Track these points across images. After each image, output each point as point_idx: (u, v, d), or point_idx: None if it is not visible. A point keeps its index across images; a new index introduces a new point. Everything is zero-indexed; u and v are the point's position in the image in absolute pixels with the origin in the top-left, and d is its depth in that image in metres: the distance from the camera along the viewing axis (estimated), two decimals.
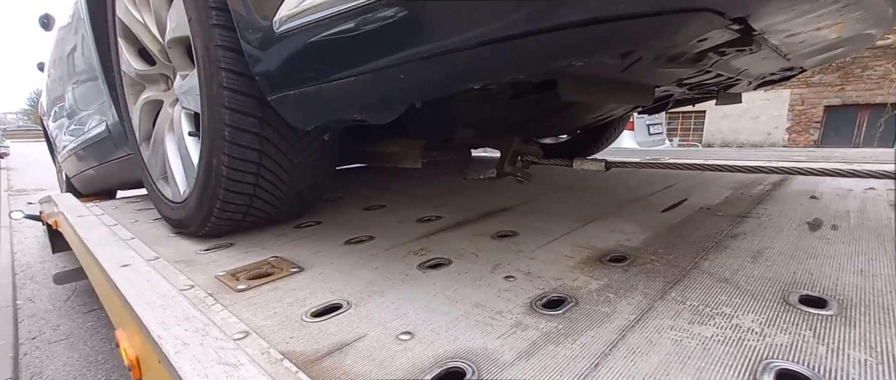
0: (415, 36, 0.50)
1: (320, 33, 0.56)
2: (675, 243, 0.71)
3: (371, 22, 0.51)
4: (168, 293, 0.54)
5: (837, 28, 0.70)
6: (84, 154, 1.72)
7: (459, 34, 0.47)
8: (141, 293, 0.52)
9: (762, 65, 0.88)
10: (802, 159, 1.71)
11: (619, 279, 0.58)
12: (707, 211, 0.93)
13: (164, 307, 0.49)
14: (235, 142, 0.72)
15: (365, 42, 0.54)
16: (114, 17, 0.97)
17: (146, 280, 0.57)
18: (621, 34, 0.46)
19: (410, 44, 0.51)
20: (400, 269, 0.69)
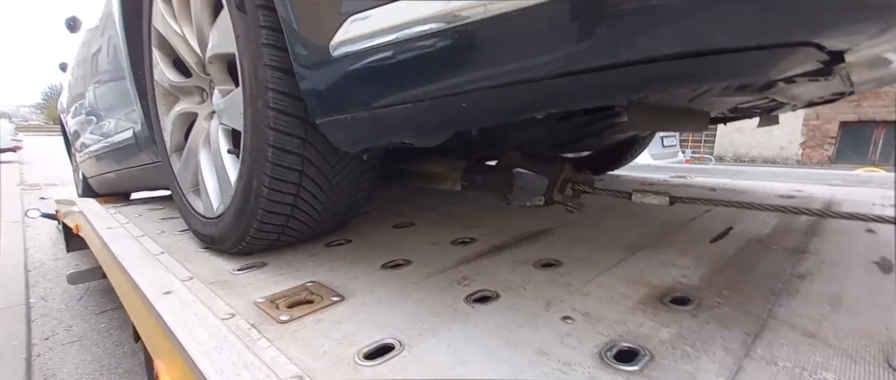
0: (488, 65, 0.47)
1: (380, 59, 0.53)
2: (738, 283, 0.67)
3: (438, 49, 0.49)
4: (215, 329, 0.51)
5: None
6: (107, 157, 1.71)
7: (541, 65, 0.44)
8: (189, 330, 0.49)
9: (819, 90, 0.85)
10: (838, 182, 1.66)
11: (690, 327, 0.54)
12: (759, 243, 0.88)
13: (219, 350, 0.46)
14: (278, 162, 0.70)
15: (429, 69, 0.51)
16: (150, 26, 0.95)
17: (192, 312, 0.55)
18: (716, 68, 0.43)
19: (481, 73, 0.48)
20: (446, 301, 0.66)
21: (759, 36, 0.40)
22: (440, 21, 0.47)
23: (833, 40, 0.44)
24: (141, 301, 0.61)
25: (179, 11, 0.84)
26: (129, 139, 1.32)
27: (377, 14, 0.52)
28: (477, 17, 0.44)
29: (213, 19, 0.77)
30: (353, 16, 0.53)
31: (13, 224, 4.41)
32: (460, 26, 0.46)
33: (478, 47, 0.47)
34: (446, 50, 0.48)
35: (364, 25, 0.53)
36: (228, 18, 0.68)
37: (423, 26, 0.48)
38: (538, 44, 0.44)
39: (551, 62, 0.44)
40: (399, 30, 0.50)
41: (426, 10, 0.48)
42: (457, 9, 0.45)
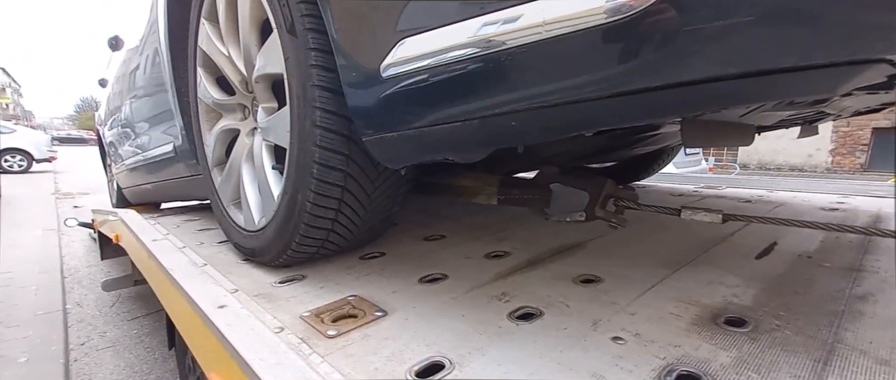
0: (543, 85, 0.47)
1: (430, 79, 0.54)
2: (794, 304, 0.65)
3: (491, 70, 0.49)
4: (273, 344, 0.52)
5: None
6: (144, 170, 1.78)
7: (599, 85, 0.44)
8: (249, 345, 0.50)
9: (872, 101, 0.82)
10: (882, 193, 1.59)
11: (751, 352, 0.52)
12: (808, 260, 0.85)
13: (281, 366, 0.47)
14: (322, 178, 0.71)
15: (481, 89, 0.51)
16: (195, 47, 0.99)
17: (249, 326, 0.56)
18: (785, 85, 0.42)
19: (536, 93, 0.48)
20: (489, 318, 0.66)
21: (834, 54, 0.39)
22: (493, 44, 0.48)
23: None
24: (194, 314, 0.63)
25: (226, 33, 0.88)
26: (168, 153, 1.37)
27: (429, 37, 0.53)
28: (532, 39, 0.45)
29: (260, 41, 0.80)
30: (405, 39, 0.54)
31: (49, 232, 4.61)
32: (515, 48, 0.46)
33: (532, 68, 0.47)
34: (500, 71, 0.49)
35: (415, 47, 0.54)
36: (277, 41, 0.71)
37: (475, 49, 0.49)
38: (597, 64, 0.44)
39: (610, 82, 0.44)
40: (451, 51, 0.51)
41: (480, 33, 0.48)
42: (511, 31, 0.46)
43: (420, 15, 0.53)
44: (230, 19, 0.85)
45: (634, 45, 0.42)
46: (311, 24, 0.65)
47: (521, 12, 0.45)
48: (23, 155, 9.86)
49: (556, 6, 0.44)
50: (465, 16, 0.50)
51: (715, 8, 0.38)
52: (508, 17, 0.47)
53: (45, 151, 10.52)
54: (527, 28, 0.45)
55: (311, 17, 0.65)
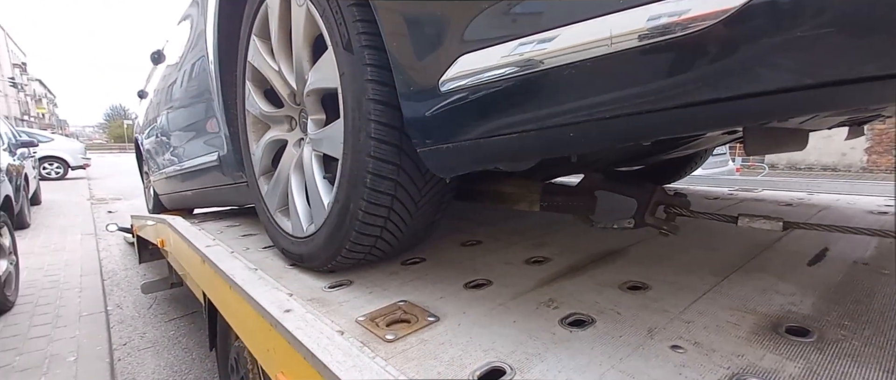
0: (607, 96, 0.48)
1: (490, 93, 0.56)
2: (858, 314, 0.63)
3: (553, 84, 0.51)
4: (345, 347, 0.54)
5: None
6: (186, 177, 1.86)
7: (667, 96, 0.45)
8: (324, 347, 0.53)
9: None
10: None
11: (819, 362, 0.52)
12: (865, 266, 0.83)
13: (358, 369, 0.49)
14: (375, 188, 0.74)
15: (543, 102, 0.53)
16: (245, 62, 1.04)
17: (318, 330, 0.59)
18: (859, 94, 0.41)
19: (599, 104, 0.49)
20: (542, 325, 0.67)
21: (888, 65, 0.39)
22: (557, 58, 0.49)
23: None
24: (259, 317, 0.66)
25: (278, 49, 0.92)
26: (212, 162, 1.44)
27: (488, 52, 0.55)
28: (597, 53, 0.46)
29: (312, 57, 0.84)
30: (464, 54, 0.56)
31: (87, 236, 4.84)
32: (579, 62, 0.48)
33: (596, 81, 0.48)
34: (563, 84, 0.50)
35: (474, 63, 0.56)
36: (332, 57, 0.74)
37: (534, 64, 0.50)
38: (665, 76, 0.45)
39: (679, 93, 0.45)
40: (509, 67, 0.53)
41: (543, 49, 0.50)
42: (578, 46, 0.47)
43: (479, 32, 0.55)
44: (282, 37, 0.89)
45: (700, 59, 0.42)
46: (368, 41, 0.68)
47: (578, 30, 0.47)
48: (60, 162, 10.39)
49: (619, 22, 0.45)
50: (522, 33, 0.51)
51: (785, 22, 0.38)
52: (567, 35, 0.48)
53: (80, 158, 11.06)
54: (585, 44, 0.46)
55: (368, 34, 0.68)
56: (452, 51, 0.58)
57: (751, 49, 0.40)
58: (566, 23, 0.48)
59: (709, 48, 0.41)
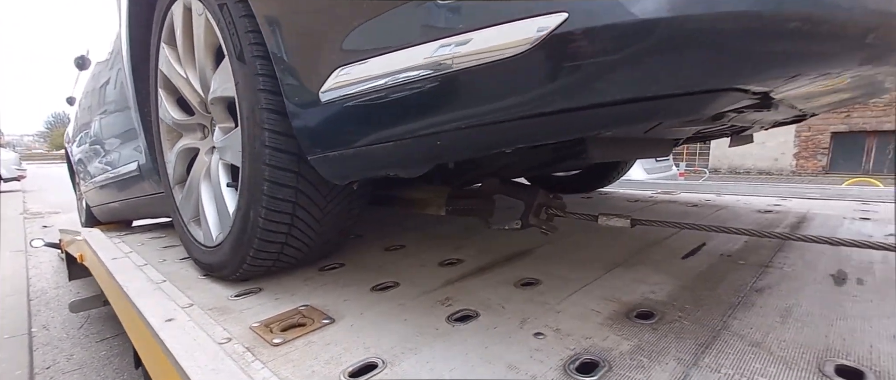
0: (459, 109, 0.54)
1: (364, 104, 0.60)
2: (701, 298, 0.72)
3: (415, 96, 0.55)
4: (213, 353, 0.56)
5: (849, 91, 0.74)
6: (111, 188, 1.78)
7: (506, 110, 0.51)
8: (190, 354, 0.54)
9: (775, 116, 0.92)
10: (815, 195, 1.72)
11: (650, 340, 0.59)
12: (728, 258, 0.93)
13: (216, 372, 0.51)
14: (273, 195, 0.76)
15: (408, 113, 0.58)
16: (156, 70, 1.03)
17: (192, 338, 0.59)
18: (656, 110, 0.49)
19: (454, 116, 0.54)
20: (430, 322, 0.71)
21: (689, 85, 0.47)
22: (418, 71, 0.54)
23: (753, 85, 0.50)
24: (145, 329, 0.66)
25: (184, 57, 0.92)
26: (133, 171, 1.39)
27: (362, 66, 0.59)
28: (450, 69, 0.51)
29: (215, 66, 0.85)
30: (341, 67, 0.60)
31: (16, 253, 4.44)
32: (436, 76, 0.53)
33: (451, 94, 0.53)
34: (423, 96, 0.55)
35: (349, 75, 0.60)
36: (228, 66, 0.76)
37: (402, 76, 0.55)
38: (503, 92, 0.51)
39: (515, 108, 0.51)
40: (380, 79, 0.57)
41: (405, 63, 0.55)
42: (430, 63, 0.52)
43: (354, 46, 0.59)
44: (187, 45, 0.90)
45: (533, 78, 0.48)
46: (259, 51, 0.70)
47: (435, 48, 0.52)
48: None
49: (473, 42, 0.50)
50: (393, 48, 0.56)
51: (597, 49, 0.45)
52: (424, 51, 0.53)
53: (14, 169, 10.13)
54: (443, 60, 0.52)
55: (259, 44, 0.70)
56: (329, 63, 0.61)
57: (563, 71, 0.47)
58: (418, 43, 0.53)
59: (526, 71, 0.47)
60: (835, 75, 0.54)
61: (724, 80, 0.47)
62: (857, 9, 0.46)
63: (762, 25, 0.43)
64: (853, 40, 0.48)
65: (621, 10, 0.43)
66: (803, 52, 0.47)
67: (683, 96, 0.49)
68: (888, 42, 0.53)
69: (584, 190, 2.20)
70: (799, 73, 0.50)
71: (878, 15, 0.49)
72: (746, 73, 0.46)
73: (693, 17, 0.42)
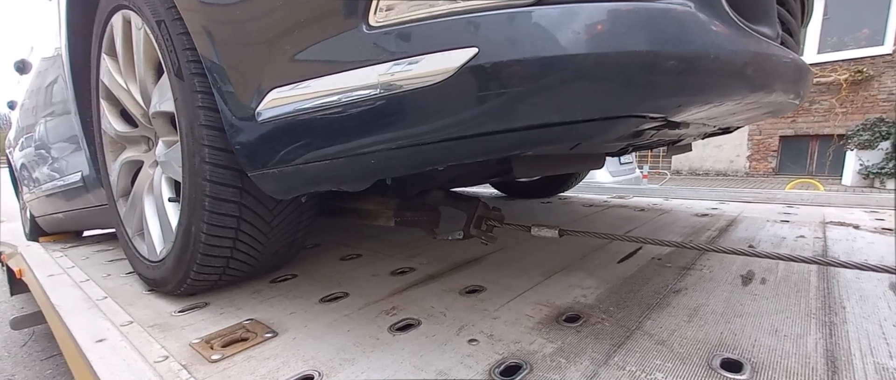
0: (388, 132, 0.57)
1: (298, 124, 0.62)
2: (625, 300, 0.78)
3: (346, 118, 0.58)
4: (141, 373, 0.56)
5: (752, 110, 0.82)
6: (55, 199, 1.69)
7: (427, 133, 0.54)
8: (116, 376, 0.54)
9: (695, 131, 1.00)
10: (749, 199, 1.86)
11: (571, 342, 0.64)
12: (658, 262, 1.01)
13: None
14: (215, 211, 0.76)
15: (340, 134, 0.60)
16: (97, 80, 1.01)
17: (122, 358, 0.59)
18: (565, 134, 0.54)
19: (383, 138, 0.57)
20: (371, 332, 0.73)
21: (590, 113, 0.52)
22: (349, 94, 0.56)
23: (649, 113, 0.56)
24: (74, 350, 0.65)
25: (125, 69, 0.90)
26: (77, 182, 1.33)
27: (296, 87, 0.61)
28: (379, 94, 0.54)
29: (156, 79, 0.84)
30: (275, 88, 0.62)
31: None
32: (365, 100, 0.56)
33: (381, 118, 0.56)
34: (353, 119, 0.58)
35: (283, 96, 0.62)
36: (167, 82, 0.75)
37: (333, 98, 0.58)
38: (424, 118, 0.54)
39: (436, 131, 0.54)
40: (314, 100, 0.59)
41: (336, 86, 0.57)
42: (359, 86, 0.55)
43: (289, 68, 0.61)
44: (128, 57, 0.88)
45: (445, 107, 0.52)
46: (197, 69, 0.71)
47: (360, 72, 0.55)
48: None
49: (397, 69, 0.54)
50: (324, 72, 0.58)
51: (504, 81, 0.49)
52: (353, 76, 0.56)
53: None
54: (367, 86, 0.54)
55: (197, 62, 0.71)
56: (265, 83, 0.63)
57: (475, 98, 0.51)
58: (348, 68, 0.56)
59: (445, 97, 0.51)
60: (720, 103, 0.61)
61: (616, 110, 0.53)
62: (727, 50, 0.52)
63: (641, 63, 0.48)
64: (729, 75, 0.54)
65: (525, 46, 0.47)
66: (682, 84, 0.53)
67: (585, 123, 0.54)
68: (763, 75, 0.60)
69: (545, 195, 2.28)
70: (682, 103, 0.56)
71: (749, 54, 0.56)
72: (636, 104, 0.52)
73: (585, 55, 0.47)
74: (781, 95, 0.71)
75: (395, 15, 0.54)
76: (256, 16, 0.62)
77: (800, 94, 0.77)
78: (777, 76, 0.63)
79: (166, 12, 0.72)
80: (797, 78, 0.71)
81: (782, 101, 0.75)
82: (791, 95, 0.74)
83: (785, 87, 0.67)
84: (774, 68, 0.62)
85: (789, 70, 0.66)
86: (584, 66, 0.47)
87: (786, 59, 0.65)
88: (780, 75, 0.64)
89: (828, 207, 1.63)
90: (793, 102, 0.81)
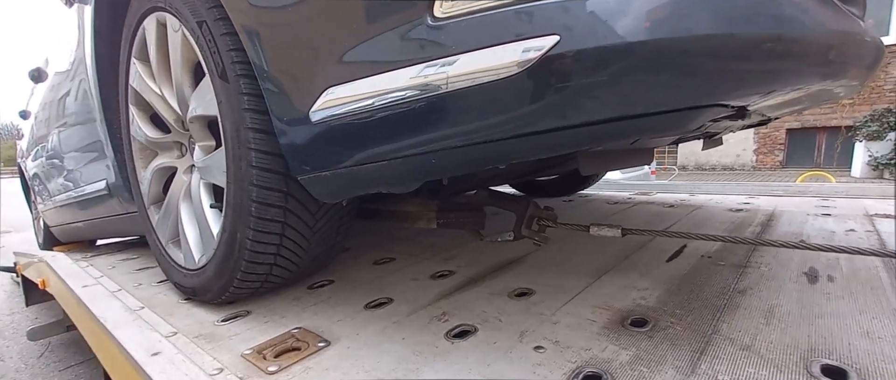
0: (454, 128, 0.54)
1: (356, 124, 0.59)
2: (689, 302, 0.75)
3: (410, 115, 0.55)
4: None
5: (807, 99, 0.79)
6: (75, 207, 1.67)
7: (498, 129, 0.51)
8: None
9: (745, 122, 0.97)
10: (780, 193, 1.82)
11: (647, 348, 0.60)
12: (709, 259, 0.98)
13: None
14: (261, 216, 0.73)
15: (402, 132, 0.57)
16: (126, 86, 0.98)
17: (183, 373, 0.56)
18: (643, 127, 0.51)
19: (448, 135, 0.54)
20: (427, 339, 0.70)
21: (674, 103, 0.48)
22: (411, 91, 0.53)
23: (733, 101, 0.53)
24: (127, 363, 0.62)
25: (158, 74, 0.88)
26: (102, 191, 1.31)
27: (353, 86, 0.58)
28: (445, 90, 0.51)
29: (193, 83, 0.81)
30: (331, 87, 0.59)
31: None
32: (430, 97, 0.53)
33: (446, 114, 0.53)
34: (417, 116, 0.55)
35: (341, 95, 0.59)
36: (209, 85, 0.73)
37: (395, 96, 0.55)
38: (497, 111, 0.51)
39: (507, 127, 0.51)
40: (373, 98, 0.57)
41: (396, 83, 0.54)
42: (423, 83, 0.52)
43: (345, 66, 0.58)
44: (162, 61, 0.86)
45: (526, 98, 0.49)
46: (243, 70, 0.68)
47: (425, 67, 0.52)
48: None
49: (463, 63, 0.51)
50: (384, 69, 0.55)
51: (587, 70, 0.46)
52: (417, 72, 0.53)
53: None
54: (433, 83, 0.51)
55: (243, 63, 0.68)
56: (319, 82, 0.60)
57: (554, 92, 0.48)
58: (411, 63, 0.53)
59: (518, 91, 0.48)
60: (802, 88, 0.58)
61: (707, 98, 0.50)
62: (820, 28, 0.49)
63: (740, 47, 0.45)
64: (818, 57, 0.51)
65: (613, 32, 0.44)
66: (777, 70, 0.50)
67: (669, 113, 0.51)
68: (845, 58, 0.57)
69: (565, 193, 2.25)
70: (774, 89, 0.53)
71: (837, 35, 0.52)
72: (727, 91, 0.49)
73: (678, 39, 0.44)
74: (858, 77, 0.68)
75: (462, 5, 0.51)
76: (310, 14, 0.59)
77: (870, 76, 0.74)
78: (864, 57, 0.60)
79: (208, 13, 0.69)
80: (875, 59, 0.67)
81: (854, 84, 0.72)
82: (863, 79, 0.71)
83: (867, 68, 0.64)
84: (862, 49, 0.59)
85: (872, 51, 0.63)
86: (680, 51, 0.43)
87: (869, 38, 0.62)
88: (865, 56, 0.61)
89: (863, 198, 1.59)
90: (858, 86, 0.77)
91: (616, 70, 0.44)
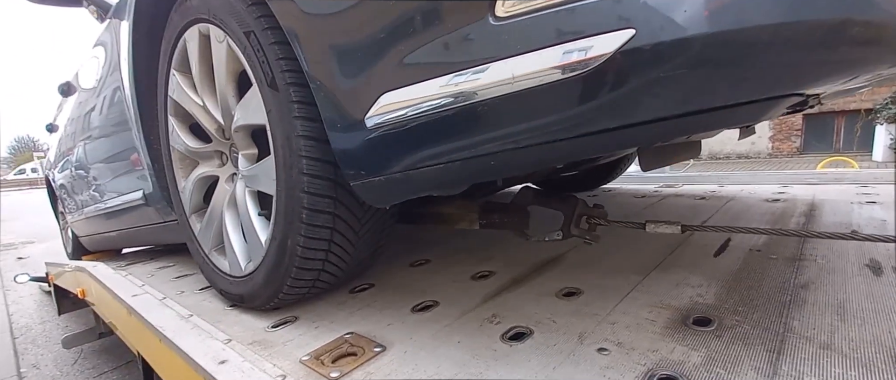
0: (518, 129, 0.53)
1: (415, 128, 0.58)
2: (750, 298, 0.73)
3: (473, 117, 0.54)
4: None
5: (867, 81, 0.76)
6: (108, 217, 1.70)
7: (566, 128, 0.50)
8: None
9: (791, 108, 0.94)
10: (814, 181, 1.77)
11: (718, 349, 0.59)
12: (758, 253, 0.95)
13: None
14: (311, 223, 0.73)
15: (464, 134, 0.56)
16: (165, 97, 0.99)
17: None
18: (719, 119, 0.49)
19: (515, 135, 0.53)
20: (484, 343, 0.69)
21: (755, 94, 0.47)
22: (470, 95, 0.53)
23: (813, 90, 0.51)
24: (194, 372, 0.63)
25: (201, 84, 0.88)
26: (138, 200, 1.33)
27: (410, 90, 0.57)
28: (510, 90, 0.50)
29: (237, 93, 0.82)
30: (387, 92, 0.59)
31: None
32: (490, 99, 0.52)
33: (510, 115, 0.52)
34: (480, 117, 0.54)
35: (397, 99, 0.58)
36: (257, 94, 0.73)
37: (454, 100, 0.54)
38: (566, 110, 0.50)
39: (579, 125, 0.50)
40: (430, 102, 0.56)
41: (458, 85, 0.53)
42: (487, 84, 0.51)
43: (402, 70, 0.58)
44: (204, 72, 0.86)
45: (598, 95, 0.48)
46: (293, 78, 0.68)
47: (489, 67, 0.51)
48: None
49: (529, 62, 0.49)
50: (444, 72, 0.54)
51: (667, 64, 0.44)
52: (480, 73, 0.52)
53: None
54: (497, 83, 0.50)
55: (292, 72, 0.68)
56: (375, 88, 0.60)
57: (630, 85, 0.46)
58: (469, 66, 0.52)
59: (595, 86, 0.46)
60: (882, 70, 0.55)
61: (792, 87, 0.48)
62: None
63: (825, 33, 0.43)
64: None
65: (694, 22, 0.43)
66: (863, 56, 0.48)
67: (748, 105, 0.49)
68: None
69: (589, 188, 2.22)
70: (858, 74, 0.51)
71: None
72: (813, 79, 0.47)
73: (762, 27, 0.42)
74: None
75: (526, 4, 0.50)
76: (365, 20, 0.58)
77: None
78: None
79: (256, 22, 0.69)
80: None
81: None
82: None
83: None
84: None
85: None
86: (767, 39, 0.42)
87: None
88: None
89: None
90: None
91: (701, 61, 0.42)
